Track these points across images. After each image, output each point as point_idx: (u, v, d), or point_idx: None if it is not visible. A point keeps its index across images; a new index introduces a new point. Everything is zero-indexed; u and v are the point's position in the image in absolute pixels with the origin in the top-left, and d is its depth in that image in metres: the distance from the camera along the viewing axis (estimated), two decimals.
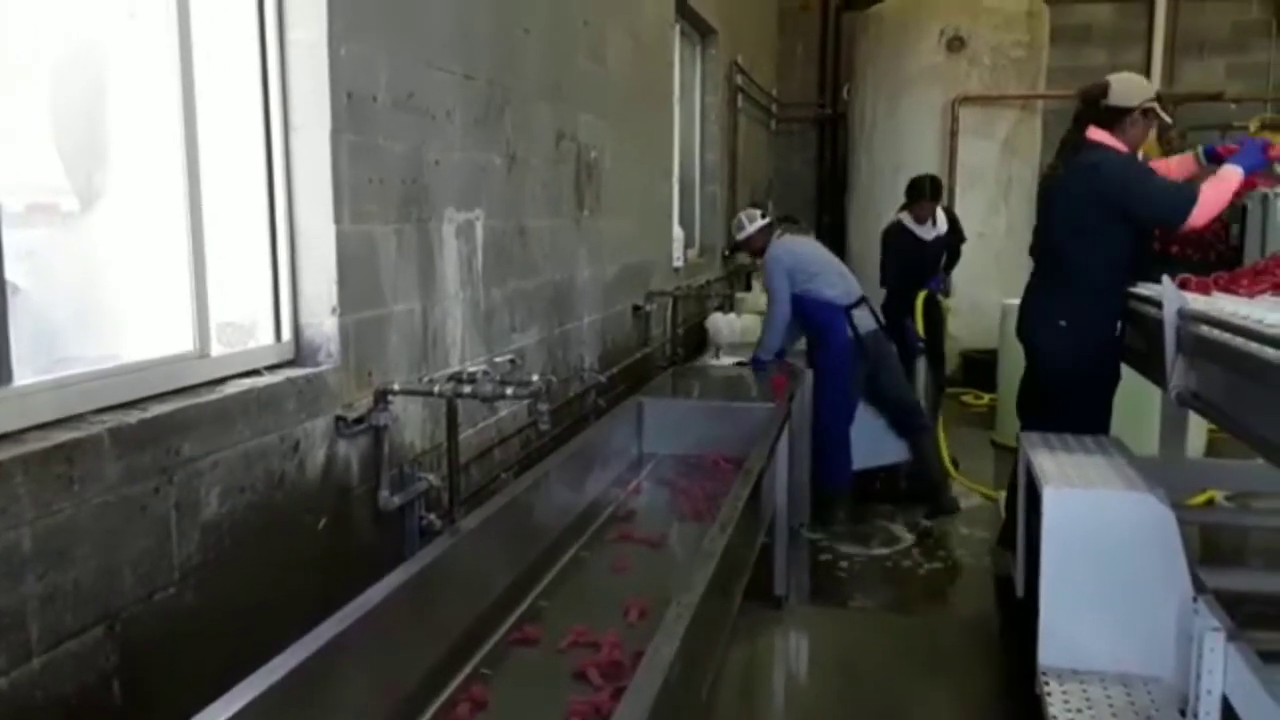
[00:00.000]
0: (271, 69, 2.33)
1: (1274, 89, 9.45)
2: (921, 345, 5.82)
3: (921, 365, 5.81)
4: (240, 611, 2.04)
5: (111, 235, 2.05)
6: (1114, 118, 3.65)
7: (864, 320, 4.88)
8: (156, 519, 1.81)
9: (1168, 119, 3.74)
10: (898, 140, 8.76)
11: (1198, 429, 5.66)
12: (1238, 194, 3.69)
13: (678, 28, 5.97)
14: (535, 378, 2.52)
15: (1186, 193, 3.49)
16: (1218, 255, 4.12)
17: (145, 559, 1.79)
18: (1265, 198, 8.07)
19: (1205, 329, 2.63)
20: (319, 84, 2.34)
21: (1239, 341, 2.29)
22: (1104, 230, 3.61)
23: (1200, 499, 5.08)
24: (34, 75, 1.87)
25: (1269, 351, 2.14)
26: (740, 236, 5.21)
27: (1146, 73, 9.74)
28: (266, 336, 2.37)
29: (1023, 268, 9.26)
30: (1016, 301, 7.10)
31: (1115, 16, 9.95)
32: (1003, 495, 4.99)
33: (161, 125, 2.09)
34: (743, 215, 5.21)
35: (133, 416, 1.78)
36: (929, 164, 8.26)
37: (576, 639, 2.38)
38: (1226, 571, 3.81)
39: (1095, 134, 3.69)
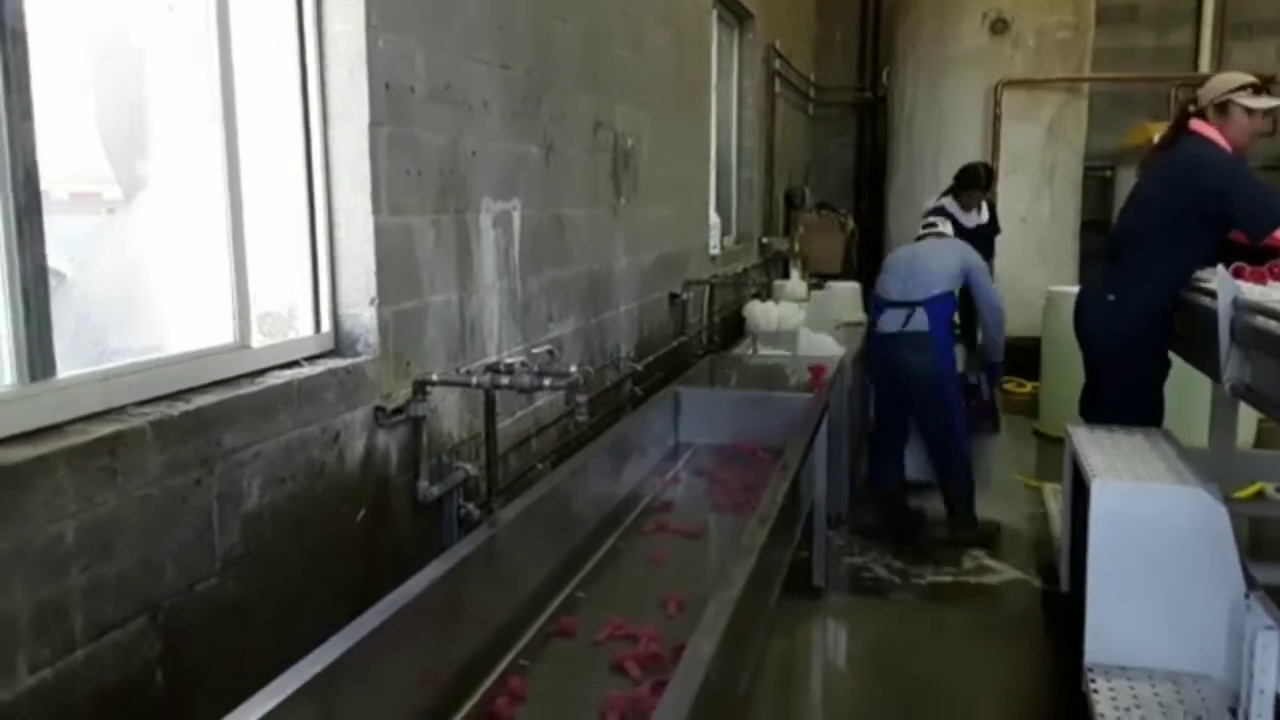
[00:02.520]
0: (310, 60, 2.33)
1: None
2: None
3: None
4: (281, 602, 2.05)
5: (154, 226, 2.06)
6: (1209, 112, 3.72)
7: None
8: (198, 510, 1.82)
9: (1255, 106, 3.68)
10: (939, 125, 8.63)
11: (1247, 420, 5.54)
12: None
13: (715, 13, 5.91)
14: (573, 369, 2.51)
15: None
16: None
17: (187, 550, 1.80)
18: None
19: (1261, 320, 2.56)
20: (357, 75, 2.33)
21: None
22: (1188, 223, 3.61)
23: (1250, 491, 4.98)
24: (76, 64, 1.88)
25: None
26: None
27: (1195, 54, 9.51)
28: (306, 327, 2.38)
29: (1066, 254, 9.15)
30: (1061, 289, 7.04)
31: None
32: (1046, 486, 4.93)
33: (201, 116, 2.09)
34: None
35: (175, 409, 1.79)
36: (971, 149, 8.14)
37: (614, 631, 2.37)
38: (1278, 567, 3.72)
39: (1199, 126, 3.74)
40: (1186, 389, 4.28)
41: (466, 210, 2.83)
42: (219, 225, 2.13)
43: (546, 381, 2.42)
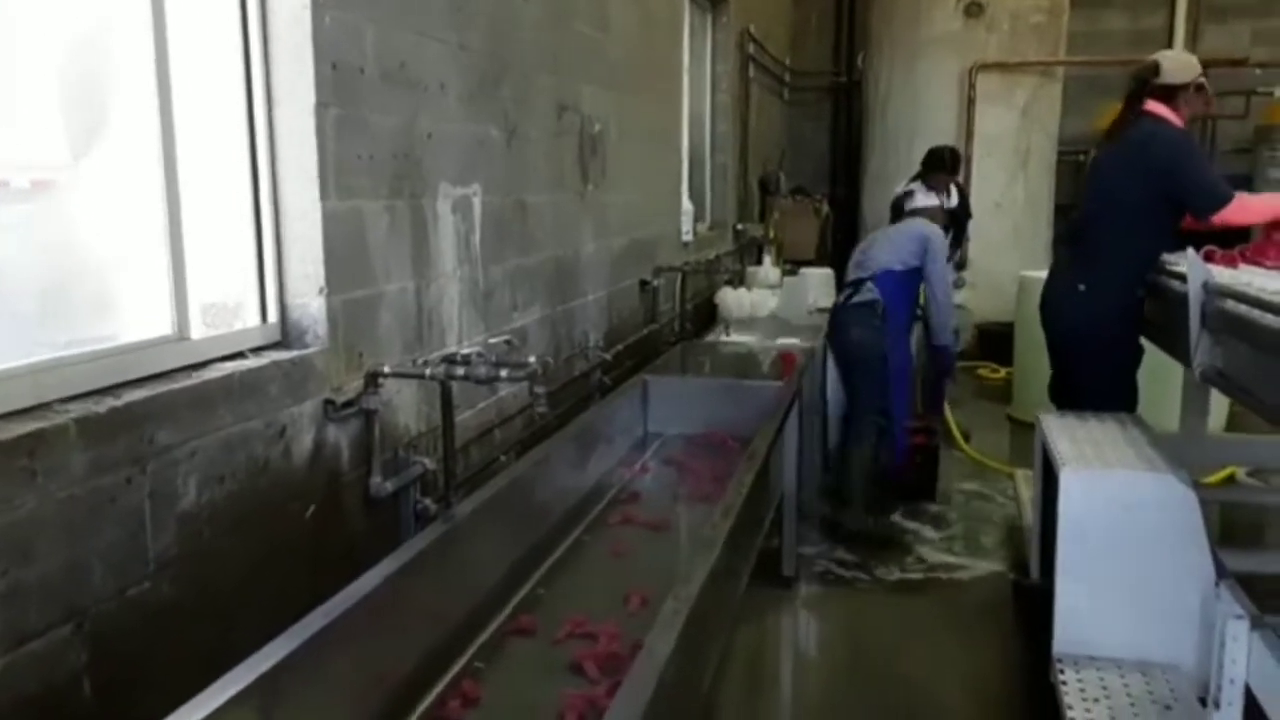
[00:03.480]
0: (253, 38, 2.23)
1: None
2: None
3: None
4: (222, 605, 1.97)
5: (83, 212, 1.96)
6: (1169, 94, 3.69)
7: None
8: (129, 511, 1.74)
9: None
10: (914, 109, 8.58)
11: (1219, 404, 5.53)
12: None
13: None
14: (532, 359, 2.43)
15: (1226, 190, 3.53)
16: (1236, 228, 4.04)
17: (116, 552, 1.71)
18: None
19: (1232, 304, 2.51)
20: (302, 55, 2.24)
21: (1270, 319, 2.18)
22: (1142, 204, 3.60)
23: (1220, 476, 4.97)
24: None
25: None
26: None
27: (1169, 37, 9.50)
28: (252, 318, 2.29)
29: (1040, 239, 9.13)
30: (1034, 274, 7.00)
31: None
32: (1018, 472, 4.90)
33: (135, 97, 2.00)
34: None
35: (103, 405, 1.71)
36: (945, 133, 8.08)
37: (574, 630, 2.31)
38: (1248, 554, 3.70)
39: (1152, 105, 3.71)
40: (1159, 374, 4.25)
41: (423, 195, 2.74)
42: (154, 211, 2.03)
43: (504, 372, 2.34)
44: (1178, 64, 3.78)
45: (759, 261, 7.29)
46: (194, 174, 2.12)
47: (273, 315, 2.32)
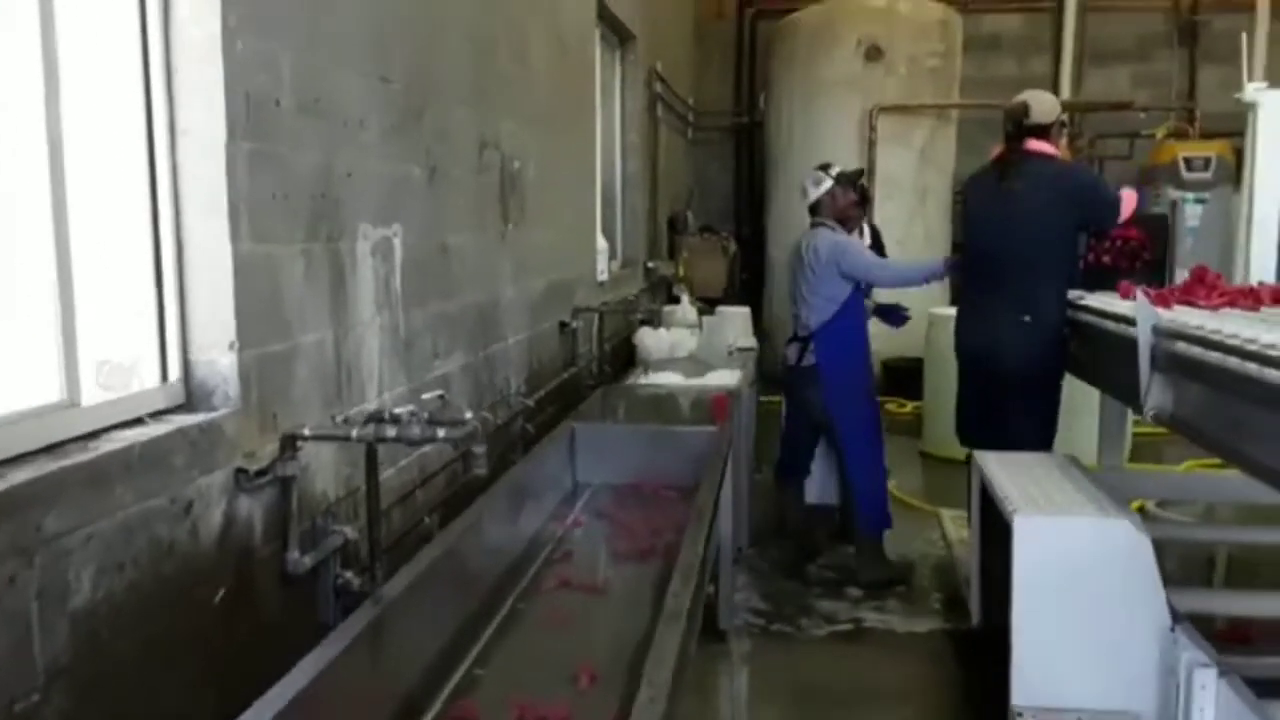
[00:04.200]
0: (154, 64, 1.99)
1: (1176, 98, 9.67)
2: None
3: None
4: (123, 712, 1.70)
5: None
6: (1043, 131, 3.97)
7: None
8: (13, 614, 1.47)
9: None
10: (817, 149, 8.62)
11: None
12: None
13: (598, 32, 5.72)
14: (468, 415, 2.22)
15: (1116, 195, 3.98)
16: (1144, 264, 4.16)
17: (0, 665, 1.44)
18: (1174, 204, 8.20)
19: (1182, 345, 2.49)
20: (213, 83, 2.01)
21: (1235, 362, 2.14)
22: (1066, 236, 3.88)
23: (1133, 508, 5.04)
24: None
25: (1272, 374, 1.99)
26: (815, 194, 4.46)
27: (1055, 82, 9.86)
28: (151, 378, 2.02)
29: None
30: (944, 310, 7.09)
31: (1024, 26, 10.08)
32: (943, 511, 4.88)
33: (18, 124, 1.74)
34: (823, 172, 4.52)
35: None
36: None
37: (522, 715, 2.09)
38: (1191, 593, 3.70)
39: (1038, 145, 3.95)
40: (1069, 408, 4.27)
41: (341, 238, 2.52)
42: (42, 257, 1.77)
43: (441, 432, 2.13)
44: (1044, 104, 4.04)
45: (670, 299, 7.20)
46: (84, 213, 1.86)
47: (174, 373, 2.06)
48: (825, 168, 4.51)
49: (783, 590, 4.24)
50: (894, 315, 4.89)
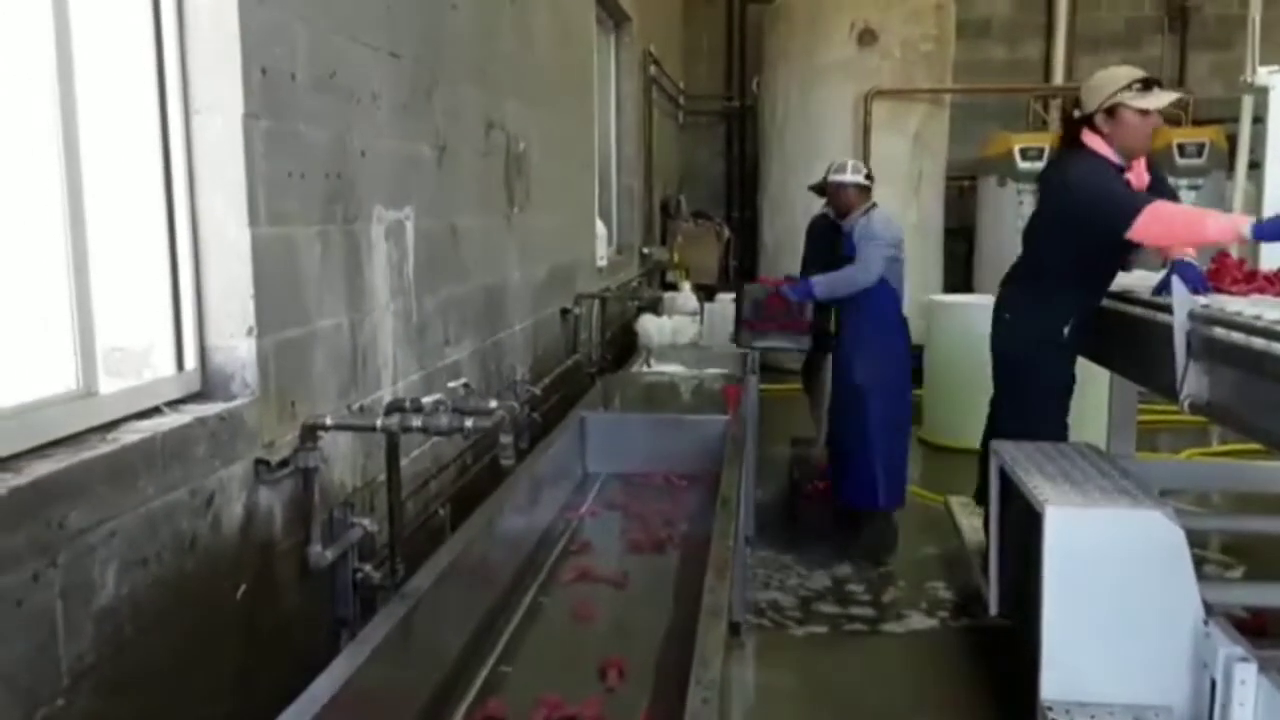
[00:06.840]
0: (168, 37, 1.89)
1: (1167, 83, 9.64)
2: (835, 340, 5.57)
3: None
4: (148, 712, 1.62)
5: None
6: (1089, 123, 3.40)
7: None
8: (38, 615, 1.38)
9: (1147, 106, 3.40)
10: (810, 134, 8.60)
11: None
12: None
13: (594, 13, 5.62)
14: (494, 404, 2.15)
15: (1132, 203, 3.18)
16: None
17: (23, 668, 1.36)
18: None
19: (1220, 331, 2.44)
20: (229, 57, 1.91)
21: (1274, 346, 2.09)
22: (1066, 234, 3.44)
23: None
24: None
25: None
26: (837, 179, 4.62)
27: (1047, 66, 9.85)
28: (166, 365, 1.93)
29: (932, 262, 9.28)
30: (946, 298, 7.05)
31: (1015, 11, 10.04)
32: (952, 499, 4.84)
33: (31, 109, 1.64)
34: (847, 161, 4.73)
35: (2, 485, 1.35)
36: (843, 158, 8.11)
37: (551, 713, 2.01)
38: (1221, 586, 3.67)
39: (1086, 137, 3.45)
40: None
41: (356, 219, 2.43)
42: (56, 243, 1.67)
43: (469, 422, 2.04)
44: (1089, 90, 3.47)
45: (664, 285, 7.13)
46: (98, 195, 1.76)
47: (190, 361, 1.97)
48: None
49: (789, 583, 4.19)
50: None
